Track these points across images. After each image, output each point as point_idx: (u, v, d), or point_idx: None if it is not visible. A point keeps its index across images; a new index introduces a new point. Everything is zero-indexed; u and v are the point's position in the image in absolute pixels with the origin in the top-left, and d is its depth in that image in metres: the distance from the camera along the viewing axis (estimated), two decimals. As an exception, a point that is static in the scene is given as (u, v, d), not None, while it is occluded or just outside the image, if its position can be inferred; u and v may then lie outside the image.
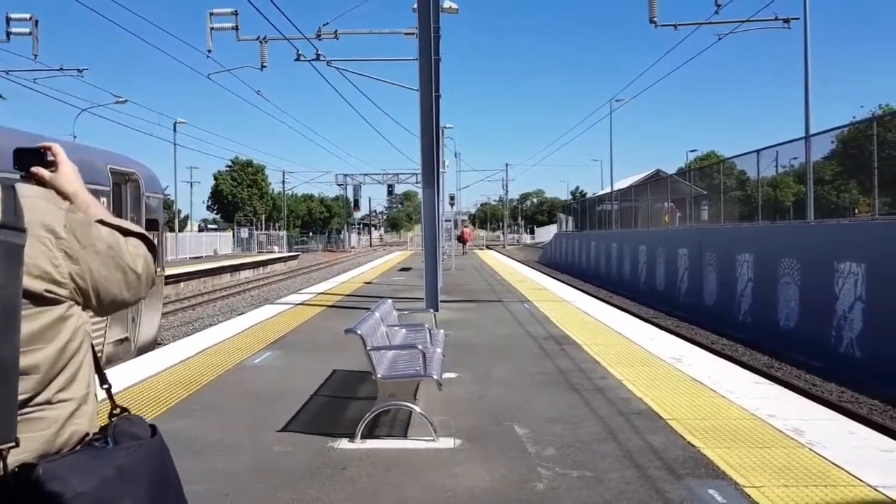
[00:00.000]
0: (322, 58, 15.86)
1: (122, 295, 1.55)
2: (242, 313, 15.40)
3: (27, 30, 17.09)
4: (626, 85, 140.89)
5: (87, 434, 1.46)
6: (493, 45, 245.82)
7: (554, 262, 44.72)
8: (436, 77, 14.15)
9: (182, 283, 27.06)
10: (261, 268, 40.35)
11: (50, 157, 1.68)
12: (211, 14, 15.65)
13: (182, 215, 75.45)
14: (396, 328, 7.21)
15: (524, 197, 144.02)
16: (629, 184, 43.03)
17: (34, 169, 1.66)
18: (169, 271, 27.20)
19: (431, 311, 8.45)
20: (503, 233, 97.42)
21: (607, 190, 47.63)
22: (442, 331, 7.65)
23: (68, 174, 1.69)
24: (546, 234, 75.20)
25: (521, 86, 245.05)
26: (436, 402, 6.26)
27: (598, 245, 34.00)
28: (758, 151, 17.49)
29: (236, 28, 15.73)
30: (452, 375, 7.47)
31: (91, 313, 1.62)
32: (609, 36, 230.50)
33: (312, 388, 6.96)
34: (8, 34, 17.08)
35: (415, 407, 5.43)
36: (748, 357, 13.15)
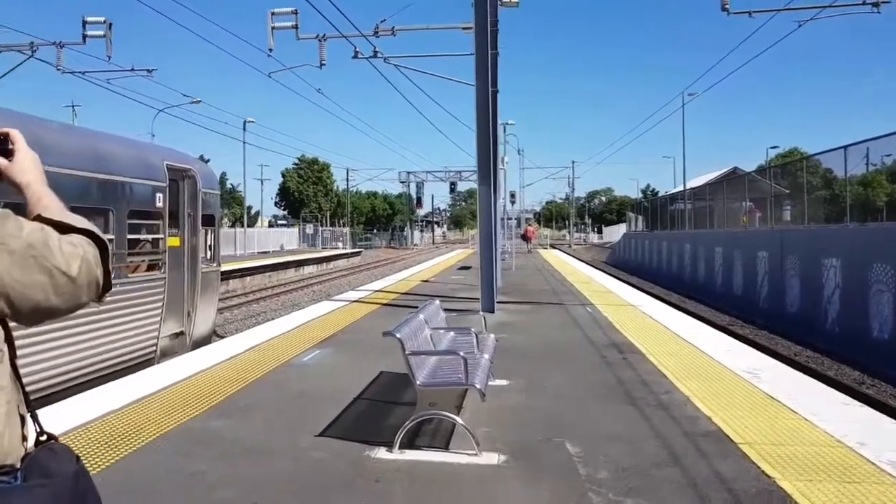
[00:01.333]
0: (379, 54, 15.71)
1: (49, 301, 1.30)
2: (301, 308, 15.40)
3: (101, 32, 17.73)
4: (698, 77, 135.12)
5: None
6: (559, 40, 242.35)
7: (622, 263, 43.52)
8: (493, 72, 13.74)
9: (248, 278, 27.60)
10: (324, 263, 40.89)
11: (10, 146, 1.54)
12: (272, 13, 15.77)
13: (253, 211, 77.75)
14: (443, 331, 6.86)
15: (592, 195, 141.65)
16: (703, 182, 41.36)
17: None
18: (236, 266, 27.83)
19: (481, 313, 8.02)
20: (569, 232, 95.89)
21: (680, 188, 45.97)
22: (492, 335, 7.25)
23: (23, 162, 1.53)
24: (614, 233, 73.44)
25: (589, 80, 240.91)
26: (482, 412, 5.88)
27: (669, 246, 32.78)
28: (845, 147, 16.25)
29: (296, 27, 15.80)
30: (503, 383, 7.08)
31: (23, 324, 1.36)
32: (680, 26, 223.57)
33: (357, 390, 6.70)
34: (84, 37, 17.79)
35: (456, 418, 5.06)
36: (835, 372, 12.18)
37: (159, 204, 9.17)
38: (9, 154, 1.53)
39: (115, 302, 8.13)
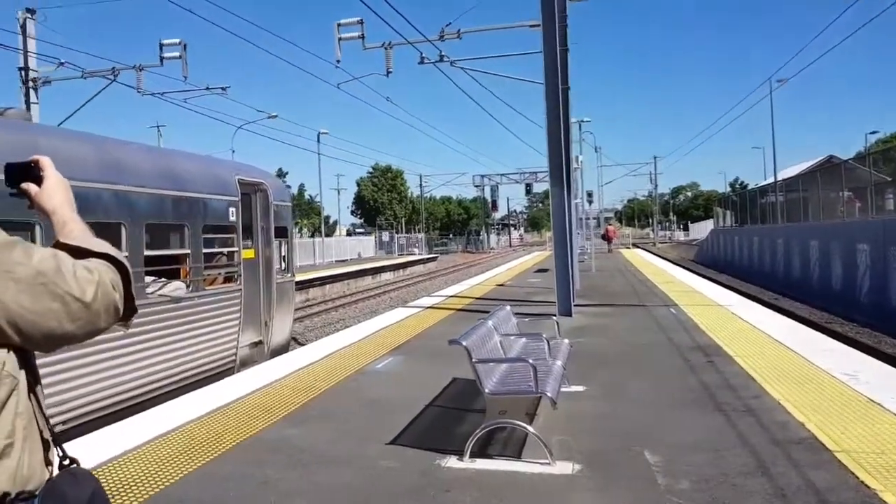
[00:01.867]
0: (446, 58, 15.69)
1: (63, 328, 1.29)
2: (378, 315, 15.58)
3: (177, 54, 18.62)
4: (787, 60, 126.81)
5: (7, 494, 1.21)
6: (636, 30, 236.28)
7: (710, 261, 41.84)
8: (562, 69, 13.44)
9: (327, 286, 28.25)
10: (400, 270, 41.37)
11: (40, 173, 1.57)
12: (339, 25, 16.03)
13: (331, 221, 79.68)
14: (513, 338, 6.71)
15: (676, 191, 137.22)
16: (796, 172, 39.20)
17: (23, 185, 1.56)
18: (315, 274, 28.55)
19: (555, 318, 7.82)
20: (653, 230, 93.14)
21: (770, 180, 43.75)
22: (566, 340, 7.03)
23: (50, 189, 1.55)
24: (701, 230, 70.65)
25: (669, 70, 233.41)
26: (557, 419, 5.71)
27: (761, 241, 31.23)
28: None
29: (362, 37, 16.01)
30: (579, 389, 6.87)
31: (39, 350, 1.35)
32: (766, 3, 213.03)
33: (429, 397, 6.65)
34: (161, 59, 18.73)
35: (527, 427, 4.92)
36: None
37: (232, 218, 9.46)
38: (40, 181, 1.56)
39: (194, 314, 8.44)
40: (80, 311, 1.31)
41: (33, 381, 1.33)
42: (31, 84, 18.41)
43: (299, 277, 25.91)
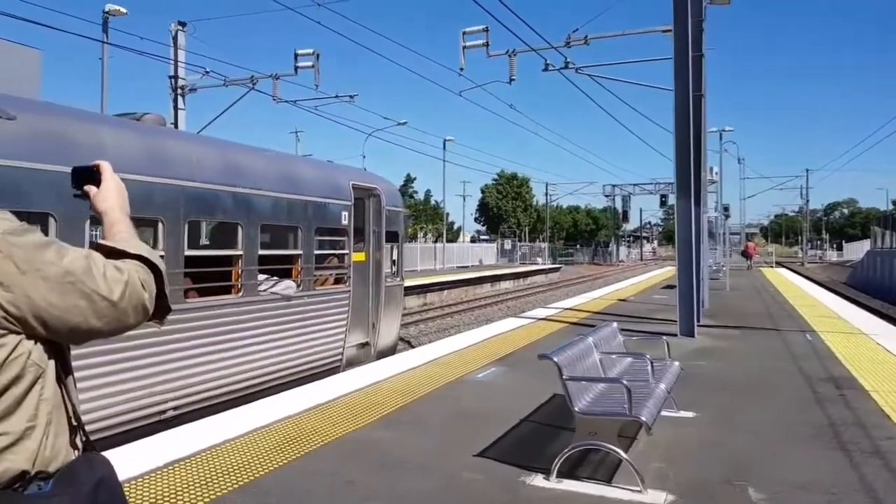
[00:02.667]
0: (571, 65, 15.39)
1: (89, 323, 1.39)
2: (493, 323, 15.54)
3: (310, 63, 19.63)
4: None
5: (26, 472, 1.31)
6: (787, 35, 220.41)
7: (864, 285, 38.05)
8: (696, 75, 12.76)
9: (445, 292, 28.60)
10: (521, 279, 41.08)
11: (100, 176, 1.71)
12: (464, 33, 16.23)
13: (455, 227, 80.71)
14: (616, 356, 6.41)
15: (831, 207, 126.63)
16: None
17: (86, 187, 1.71)
18: (434, 279, 29.03)
19: (665, 339, 7.40)
20: (801, 248, 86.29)
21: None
22: (676, 363, 6.63)
23: (105, 192, 1.68)
24: (857, 250, 64.48)
25: (823, 77, 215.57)
26: (658, 445, 5.40)
27: (922, 265, 28.03)
28: None
29: (486, 44, 16.08)
30: (688, 415, 6.45)
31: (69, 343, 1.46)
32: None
33: (526, 411, 6.52)
34: (295, 68, 19.85)
35: (615, 449, 4.66)
36: None
37: (345, 221, 9.81)
38: (99, 184, 1.70)
39: (303, 313, 8.83)
40: (106, 308, 1.39)
41: (64, 371, 1.42)
42: (179, 91, 20.14)
43: (419, 281, 26.52)
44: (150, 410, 6.53)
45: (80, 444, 1.45)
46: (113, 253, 1.51)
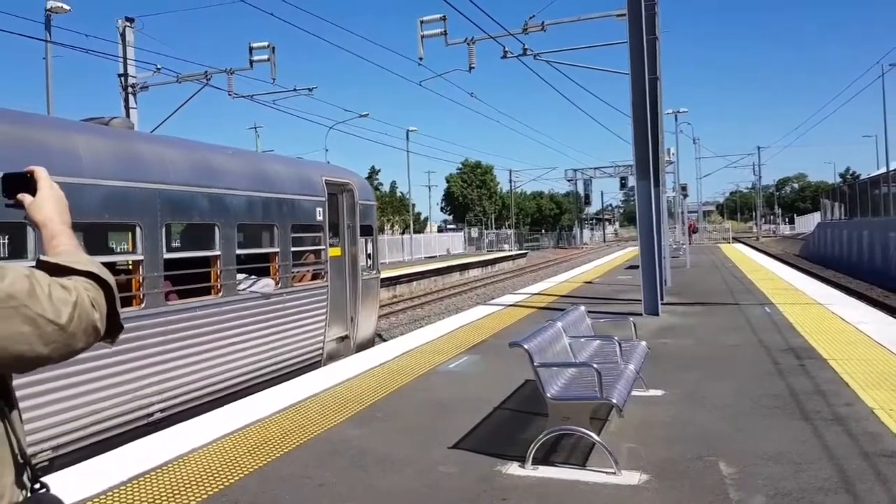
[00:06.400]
0: (529, 52, 15.44)
1: (35, 351, 1.24)
2: (462, 312, 15.61)
3: (266, 57, 19.29)
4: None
5: None
6: (737, 15, 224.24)
7: (816, 256, 39.24)
8: (650, 58, 12.93)
9: (414, 283, 28.59)
10: (488, 266, 41.28)
11: (35, 184, 1.57)
12: (421, 22, 16.14)
13: (422, 217, 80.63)
14: (584, 340, 6.50)
15: (782, 182, 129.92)
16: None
17: (19, 196, 1.56)
18: (403, 271, 28.99)
19: (631, 319, 7.53)
20: (756, 223, 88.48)
21: (883, 170, 40.43)
22: (643, 343, 6.75)
23: (40, 201, 1.53)
24: (808, 223, 66.36)
25: (772, 55, 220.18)
26: (629, 426, 5.49)
27: (871, 235, 28.97)
28: None
29: (445, 33, 16.03)
30: (657, 393, 6.58)
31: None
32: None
33: (499, 399, 6.57)
34: (251, 62, 19.49)
35: (590, 434, 4.74)
36: None
37: (319, 217, 9.79)
38: (35, 192, 1.55)
39: (283, 310, 8.84)
40: (54, 333, 1.26)
41: (7, 405, 1.30)
42: (129, 90, 19.60)
43: (388, 274, 26.42)
44: (137, 414, 6.51)
45: (27, 484, 1.33)
46: (57, 270, 1.37)
